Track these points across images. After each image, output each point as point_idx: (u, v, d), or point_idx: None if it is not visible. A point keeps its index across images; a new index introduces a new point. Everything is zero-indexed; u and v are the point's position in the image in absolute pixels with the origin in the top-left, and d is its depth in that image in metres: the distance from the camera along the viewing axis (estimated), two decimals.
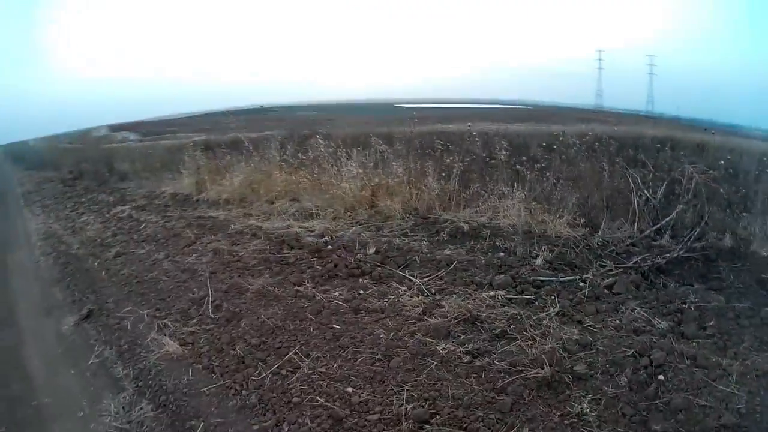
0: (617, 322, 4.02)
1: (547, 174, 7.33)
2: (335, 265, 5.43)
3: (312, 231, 6.64)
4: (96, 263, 6.67)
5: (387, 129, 14.72)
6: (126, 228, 8.19)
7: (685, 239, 5.12)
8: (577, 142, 8.31)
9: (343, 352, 3.86)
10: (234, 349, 4.03)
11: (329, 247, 5.99)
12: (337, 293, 4.84)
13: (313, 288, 5.00)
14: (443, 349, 3.77)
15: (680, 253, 4.96)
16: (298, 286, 5.06)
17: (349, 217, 7.14)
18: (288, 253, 5.94)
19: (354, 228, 6.68)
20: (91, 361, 4.28)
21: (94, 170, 15.13)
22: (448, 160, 7.80)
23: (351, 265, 5.40)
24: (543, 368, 3.32)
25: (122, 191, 11.95)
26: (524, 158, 8.04)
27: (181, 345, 4.19)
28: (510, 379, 3.35)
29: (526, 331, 3.90)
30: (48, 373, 4.26)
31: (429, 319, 4.21)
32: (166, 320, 4.64)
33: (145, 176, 12.51)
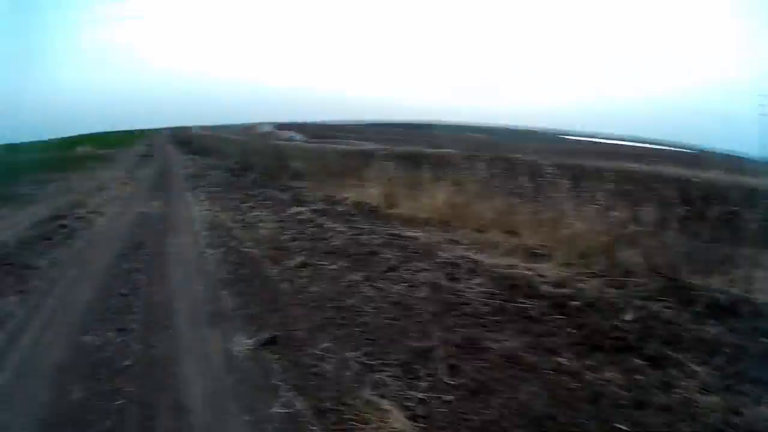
0: None
1: None
2: (592, 331, 3.96)
3: (542, 276, 5.16)
4: (275, 271, 5.66)
5: (588, 162, 13.13)
6: (308, 234, 7.23)
7: None
8: None
9: None
10: None
11: (575, 303, 4.48)
12: (608, 374, 3.37)
13: (577, 362, 3.52)
14: None
15: None
16: (557, 356, 3.60)
17: (583, 265, 5.56)
18: (525, 303, 4.50)
19: (592, 281, 5.10)
20: (274, 410, 3.06)
21: (264, 164, 14.89)
22: (679, 210, 6.09)
23: (610, 335, 3.92)
24: None
25: (296, 190, 11.32)
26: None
27: (410, 419, 2.88)
28: None
29: None
30: (213, 414, 3.10)
31: None
32: (382, 374, 3.37)
33: (320, 178, 11.78)
